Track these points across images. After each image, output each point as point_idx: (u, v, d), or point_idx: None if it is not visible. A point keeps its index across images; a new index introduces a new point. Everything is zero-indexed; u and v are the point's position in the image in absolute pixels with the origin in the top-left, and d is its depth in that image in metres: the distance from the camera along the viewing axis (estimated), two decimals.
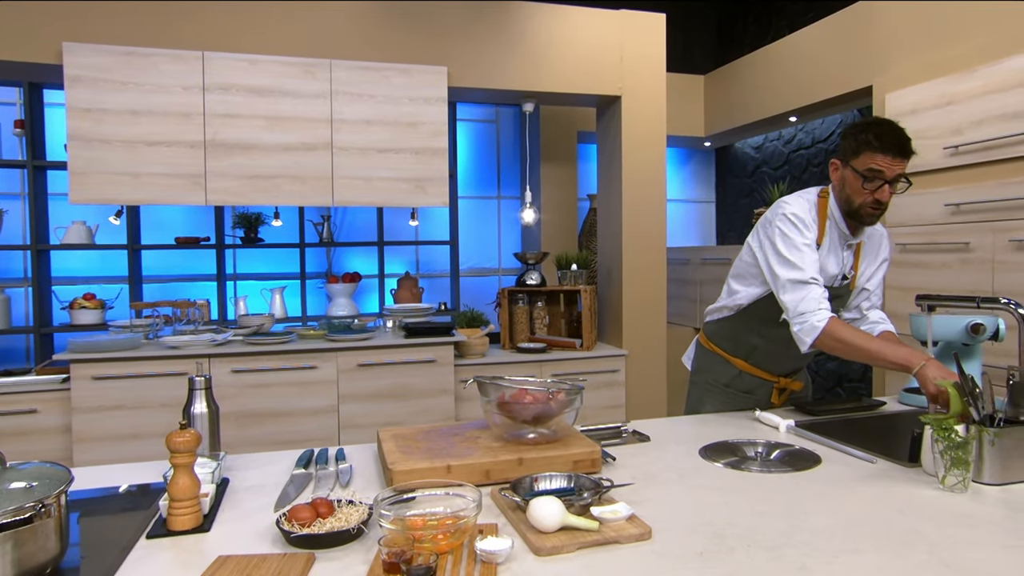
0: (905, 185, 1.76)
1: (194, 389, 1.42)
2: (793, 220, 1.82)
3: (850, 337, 1.70)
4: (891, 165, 1.72)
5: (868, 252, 1.97)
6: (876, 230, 1.99)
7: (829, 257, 1.88)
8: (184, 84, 3.31)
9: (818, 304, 1.74)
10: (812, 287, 1.75)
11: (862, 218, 1.81)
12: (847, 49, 3.76)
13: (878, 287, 2.03)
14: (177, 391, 3.21)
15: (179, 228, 4.15)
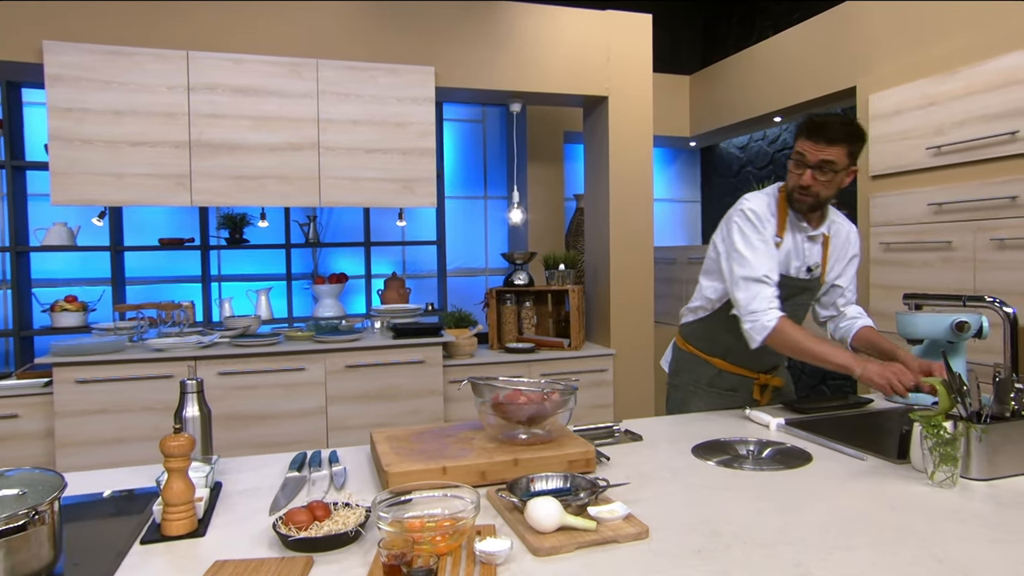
0: (829, 175, 1.77)
1: (186, 392, 1.41)
2: (749, 216, 1.85)
3: (798, 338, 1.75)
4: (813, 150, 1.76)
5: (837, 248, 1.99)
6: (844, 226, 2.02)
7: (790, 249, 1.92)
8: (168, 84, 3.27)
9: (768, 303, 1.78)
10: (764, 286, 1.79)
11: (792, 203, 1.86)
12: (831, 50, 3.80)
13: (851, 283, 2.06)
14: (163, 394, 3.17)
15: (162, 229, 4.10)
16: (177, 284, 4.27)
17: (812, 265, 1.94)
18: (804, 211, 1.87)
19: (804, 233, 1.92)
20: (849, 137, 1.76)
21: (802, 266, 1.94)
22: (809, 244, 1.94)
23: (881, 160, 3.33)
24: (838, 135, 1.75)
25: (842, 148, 1.76)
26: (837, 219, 2.02)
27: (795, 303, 1.97)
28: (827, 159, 1.75)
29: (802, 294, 1.98)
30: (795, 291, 1.96)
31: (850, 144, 1.77)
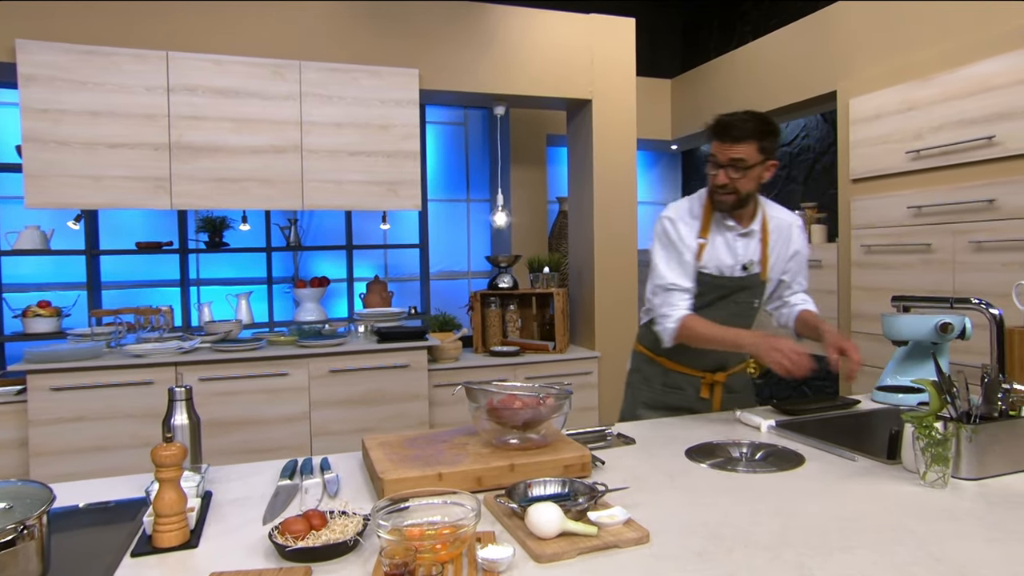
0: (742, 172, 1.81)
1: (174, 400, 1.38)
2: (666, 225, 1.96)
3: (700, 329, 1.84)
4: (722, 150, 1.81)
5: (777, 243, 1.99)
6: (785, 221, 2.02)
7: (719, 248, 1.94)
8: (147, 85, 3.21)
9: (673, 307, 1.89)
10: (673, 292, 1.90)
11: (717, 203, 1.90)
12: (811, 55, 3.85)
13: (798, 277, 2.07)
14: (142, 401, 3.11)
15: (139, 233, 4.02)
16: (155, 288, 4.19)
17: (747, 263, 1.94)
18: (728, 209, 1.90)
19: (733, 232, 1.94)
20: (756, 133, 1.80)
21: (736, 264, 1.95)
22: (743, 241, 1.94)
23: (862, 164, 3.38)
24: (744, 133, 1.79)
25: (750, 144, 1.80)
26: (777, 214, 2.01)
27: (735, 301, 1.97)
28: (736, 157, 1.80)
29: (741, 292, 1.97)
30: (732, 290, 1.96)
31: (758, 140, 1.80)
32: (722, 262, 1.94)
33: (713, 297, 1.95)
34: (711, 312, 1.94)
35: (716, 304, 1.95)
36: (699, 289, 1.93)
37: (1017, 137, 2.67)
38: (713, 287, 1.94)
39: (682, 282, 1.90)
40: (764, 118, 1.84)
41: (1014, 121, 2.68)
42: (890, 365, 2.16)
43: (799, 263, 2.05)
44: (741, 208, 1.91)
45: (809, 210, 4.04)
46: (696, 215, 1.95)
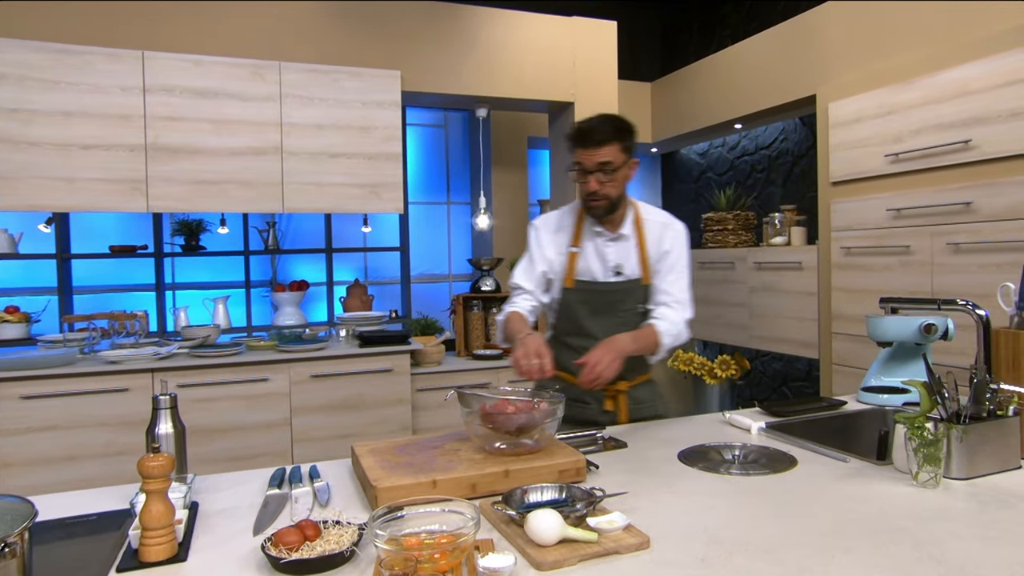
0: (611, 175, 1.80)
1: (159, 408, 1.34)
2: (530, 232, 2.01)
3: (506, 326, 1.87)
4: (588, 156, 1.80)
5: (651, 246, 1.95)
6: (659, 222, 1.98)
7: (590, 256, 1.94)
8: (122, 85, 3.14)
9: (509, 303, 1.94)
10: (514, 291, 1.96)
11: (589, 210, 1.90)
12: (791, 59, 3.89)
13: (664, 282, 1.94)
14: (117, 409, 3.03)
15: (112, 236, 3.93)
16: (128, 293, 4.09)
17: (617, 267, 1.92)
18: (602, 215, 1.89)
19: (603, 237, 1.93)
20: (617, 134, 1.80)
21: (607, 270, 1.93)
22: (614, 246, 1.93)
23: (841, 167, 3.42)
24: (606, 136, 1.78)
25: (614, 146, 1.79)
26: (652, 216, 1.99)
27: (622, 309, 1.92)
28: (603, 161, 1.79)
29: (624, 299, 1.92)
30: (611, 296, 1.92)
31: (620, 140, 1.80)
32: (594, 269, 1.93)
33: (598, 304, 1.93)
34: (600, 321, 1.91)
35: (603, 313, 1.92)
36: (583, 298, 1.93)
37: (993, 141, 2.72)
38: (593, 295, 1.92)
39: (526, 284, 1.94)
40: (620, 118, 1.84)
41: (990, 125, 2.73)
42: (874, 366, 2.18)
43: (667, 266, 1.95)
44: (612, 213, 1.90)
45: (789, 212, 4.08)
46: (566, 225, 1.97)
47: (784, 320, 3.92)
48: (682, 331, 1.93)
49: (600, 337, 1.85)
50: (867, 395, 2.07)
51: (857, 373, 3.35)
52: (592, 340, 1.87)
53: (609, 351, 1.70)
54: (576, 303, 1.94)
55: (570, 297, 1.95)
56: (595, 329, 1.92)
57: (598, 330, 1.91)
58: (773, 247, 4.04)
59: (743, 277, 4.23)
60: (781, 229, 4.06)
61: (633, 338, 1.81)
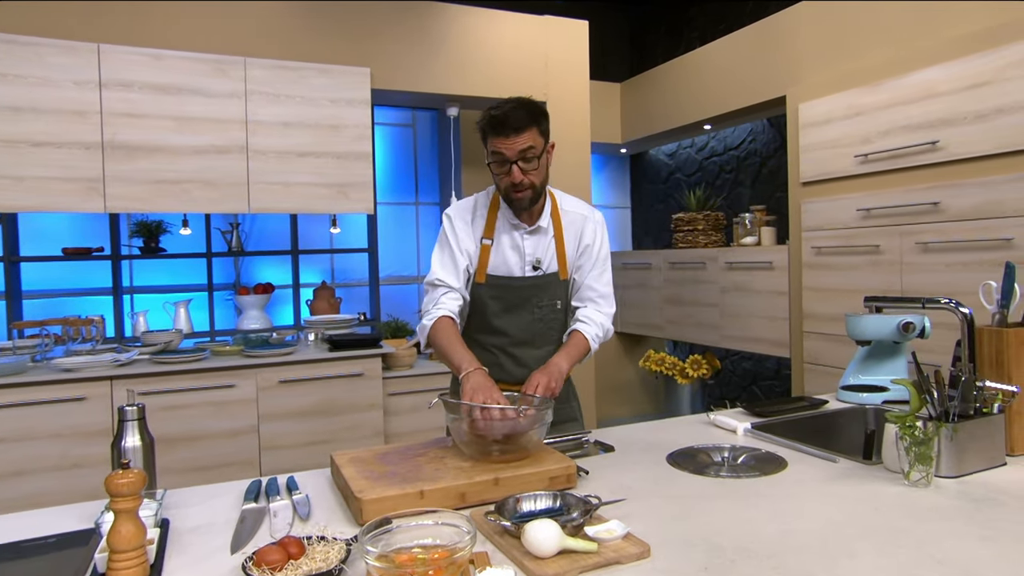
0: (534, 162, 1.67)
1: (125, 420, 1.25)
2: (444, 221, 1.84)
3: (440, 338, 1.68)
4: (507, 145, 1.65)
5: (569, 239, 1.85)
6: (579, 214, 1.87)
7: (505, 249, 1.80)
8: (76, 79, 3.00)
9: (435, 304, 1.74)
10: (438, 288, 1.77)
11: (512, 203, 1.75)
12: (761, 60, 3.93)
13: (587, 277, 1.84)
14: (71, 419, 2.89)
15: (65, 238, 3.75)
16: (83, 297, 3.92)
17: (535, 261, 1.80)
18: (528, 206, 1.76)
19: (520, 230, 1.81)
20: (534, 118, 1.67)
21: (524, 264, 1.81)
22: (531, 239, 1.81)
23: (811, 167, 3.45)
24: (523, 120, 1.64)
25: (532, 131, 1.66)
26: (572, 208, 1.88)
27: (537, 305, 1.82)
28: (524, 147, 1.65)
29: (540, 294, 1.82)
30: (526, 292, 1.81)
31: (537, 124, 1.67)
32: (509, 262, 1.80)
33: (512, 301, 1.81)
34: (513, 319, 1.81)
35: (517, 310, 1.81)
36: (495, 293, 1.80)
37: (960, 142, 2.77)
38: (507, 290, 1.80)
39: (451, 280, 1.76)
40: (533, 101, 1.70)
41: (957, 127, 2.78)
42: (852, 365, 2.19)
43: (589, 260, 1.84)
44: (536, 203, 1.77)
45: (758, 212, 4.11)
46: (480, 215, 1.82)
47: (756, 319, 3.95)
48: (608, 329, 1.86)
49: (513, 334, 1.80)
50: (847, 394, 2.07)
51: (829, 372, 3.38)
52: (504, 338, 1.80)
53: (547, 374, 1.61)
54: (488, 299, 1.81)
55: (481, 293, 1.81)
56: (508, 326, 1.81)
57: (511, 327, 1.81)
58: (744, 247, 4.07)
59: (714, 277, 4.26)
60: (751, 229, 4.09)
61: (567, 356, 1.72)
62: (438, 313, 1.71)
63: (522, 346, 1.82)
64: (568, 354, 1.74)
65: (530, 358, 1.82)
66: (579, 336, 1.79)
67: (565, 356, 1.72)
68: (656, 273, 4.82)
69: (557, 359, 1.70)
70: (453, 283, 1.77)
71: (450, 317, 1.72)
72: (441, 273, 1.77)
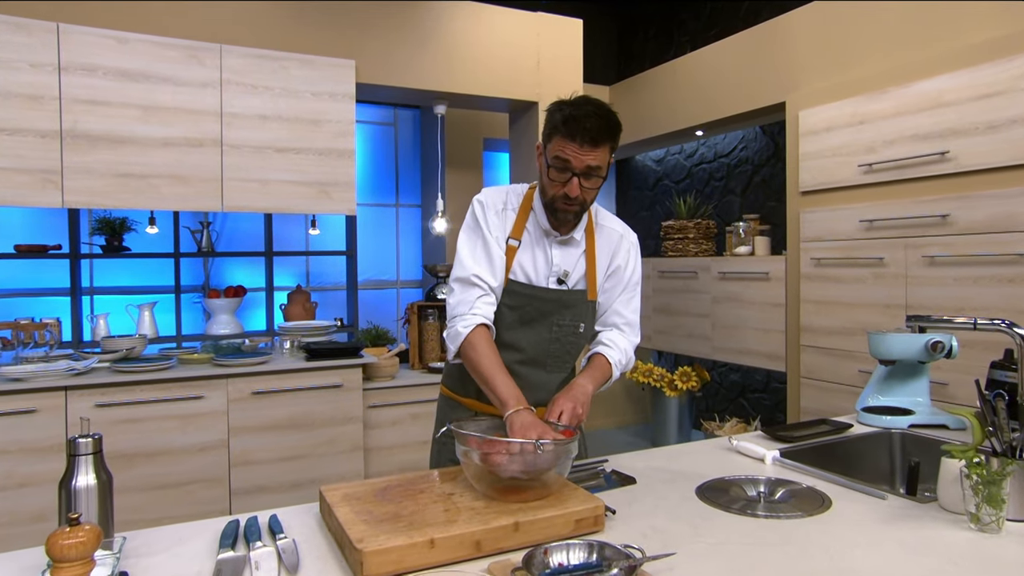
0: (595, 180, 1.49)
1: (78, 455, 1.05)
2: (475, 209, 1.61)
3: (478, 357, 1.47)
4: (578, 154, 1.44)
5: (602, 257, 1.66)
6: (615, 231, 1.68)
7: (527, 252, 1.60)
8: (32, 61, 2.75)
9: (471, 307, 1.52)
10: (472, 288, 1.53)
11: (555, 213, 1.55)
12: (759, 65, 3.82)
13: (622, 303, 1.67)
14: (21, 434, 2.64)
15: (19, 234, 3.48)
16: (38, 298, 3.65)
17: (562, 274, 1.60)
18: (571, 223, 1.58)
19: (551, 237, 1.61)
20: (612, 134, 1.47)
21: (549, 275, 1.61)
22: (560, 250, 1.61)
23: (812, 176, 3.35)
24: (603, 134, 1.44)
25: (606, 147, 1.47)
26: (608, 223, 1.69)
27: (557, 324, 1.62)
28: (594, 165, 1.46)
29: (563, 311, 1.61)
30: (549, 307, 1.60)
31: (612, 141, 1.48)
32: (534, 270, 1.60)
33: (531, 314, 1.60)
34: (528, 334, 1.61)
35: (534, 325, 1.61)
36: (514, 302, 1.59)
37: (971, 153, 2.69)
38: (527, 301, 1.59)
39: (488, 278, 1.53)
40: (612, 111, 1.48)
41: (968, 137, 2.69)
42: (871, 384, 2.06)
43: (619, 283, 1.66)
44: (577, 220, 1.59)
45: (752, 222, 4.01)
46: (510, 210, 1.61)
47: (749, 331, 3.83)
48: (631, 359, 1.68)
49: (525, 350, 1.61)
50: (869, 416, 1.94)
51: (828, 387, 3.28)
52: (515, 353, 1.61)
53: (572, 399, 1.43)
54: (504, 307, 1.59)
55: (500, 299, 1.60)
56: (520, 341, 1.61)
57: (524, 343, 1.61)
58: (738, 257, 3.96)
59: (706, 287, 4.14)
60: (745, 238, 3.98)
61: (592, 379, 1.54)
62: (474, 320, 1.49)
63: (532, 366, 1.63)
64: (592, 376, 1.56)
65: (538, 381, 1.63)
66: (602, 359, 1.60)
67: (590, 378, 1.54)
68: (645, 282, 4.67)
69: (582, 381, 1.52)
70: (491, 281, 1.54)
71: (487, 327, 1.51)
72: (477, 268, 1.53)
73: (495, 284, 1.55)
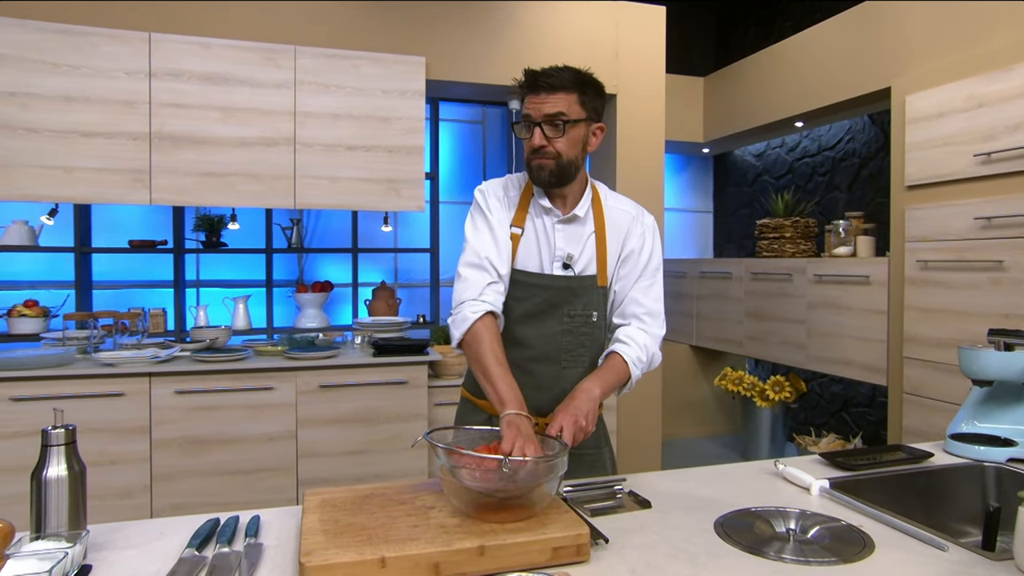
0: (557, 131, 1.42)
1: (49, 445, 1.07)
2: (477, 198, 1.57)
3: (481, 348, 1.37)
4: (535, 104, 1.44)
5: (612, 238, 1.56)
6: (626, 212, 1.58)
7: (531, 237, 1.53)
8: (127, 68, 2.95)
9: (480, 293, 1.44)
10: (480, 272, 1.46)
11: (531, 172, 1.49)
12: (861, 49, 3.46)
13: (641, 291, 1.55)
14: (111, 415, 2.84)
15: (135, 230, 3.77)
16: (150, 289, 3.94)
17: (567, 258, 1.51)
18: (547, 182, 1.48)
19: (551, 216, 1.52)
20: (575, 83, 1.44)
21: (553, 259, 1.51)
22: (564, 230, 1.52)
23: (919, 168, 2.98)
24: (561, 81, 1.43)
25: (570, 95, 1.44)
26: (618, 204, 1.60)
27: (568, 314, 1.51)
28: (552, 112, 1.42)
29: (573, 300, 1.51)
30: (556, 294, 1.51)
31: (579, 91, 1.45)
32: (537, 256, 1.52)
33: (538, 304, 1.50)
34: (537, 327, 1.51)
35: (543, 317, 1.51)
36: (520, 293, 1.50)
37: None
38: (533, 291, 1.50)
39: (497, 263, 1.47)
40: (584, 71, 1.49)
41: None
42: (965, 408, 1.78)
43: (634, 268, 1.55)
44: (562, 183, 1.49)
45: (855, 220, 3.64)
46: (512, 197, 1.56)
47: (847, 340, 3.48)
48: (655, 355, 1.54)
49: (534, 346, 1.50)
50: (959, 445, 1.67)
51: (935, 406, 2.91)
52: (524, 350, 1.50)
53: (574, 412, 1.31)
54: (511, 300, 1.51)
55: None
56: (529, 336, 1.51)
57: (533, 338, 1.51)
58: (836, 258, 3.61)
59: (801, 290, 3.81)
60: (846, 238, 3.62)
61: (600, 382, 1.41)
62: (483, 307, 1.42)
63: (543, 362, 1.51)
64: (603, 379, 1.42)
65: (551, 379, 1.52)
66: (617, 360, 1.47)
67: (598, 382, 1.41)
68: (736, 283, 4.39)
69: (588, 385, 1.39)
70: (501, 268, 1.47)
71: (494, 316, 1.44)
72: (488, 251, 1.47)
73: (503, 271, 1.48)
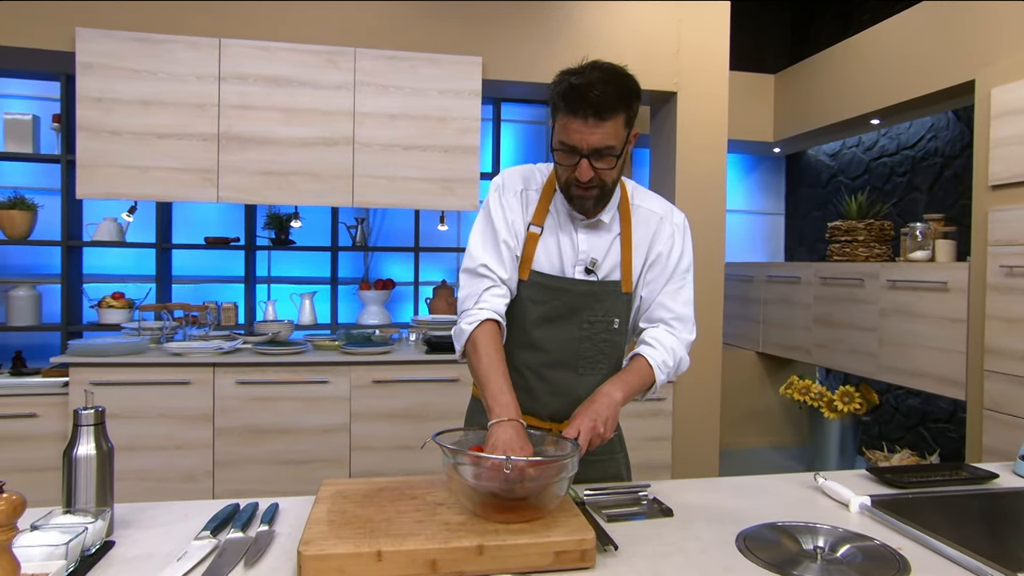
0: (607, 163, 1.29)
1: (80, 425, 1.13)
2: (491, 193, 1.47)
3: (475, 354, 1.33)
4: (583, 133, 1.26)
5: (639, 242, 1.46)
6: (654, 213, 1.48)
7: (552, 238, 1.43)
8: (199, 73, 3.10)
9: (477, 301, 1.39)
10: (481, 279, 1.40)
11: (570, 200, 1.38)
12: (943, 39, 3.24)
13: (669, 295, 1.46)
14: (177, 401, 3.00)
15: (212, 227, 3.97)
16: (225, 284, 4.13)
17: (590, 263, 1.41)
18: (591, 209, 1.39)
19: (576, 220, 1.43)
20: (624, 99, 1.27)
21: (575, 263, 1.43)
22: (587, 234, 1.43)
23: (1006, 167, 2.76)
24: (610, 103, 1.24)
25: (618, 119, 1.27)
26: (646, 204, 1.49)
27: (588, 320, 1.43)
28: (602, 145, 1.27)
29: (595, 305, 1.42)
30: (577, 299, 1.42)
31: (626, 109, 1.28)
32: (558, 259, 1.43)
33: (557, 308, 1.43)
34: (555, 331, 1.43)
35: (561, 321, 1.43)
36: (538, 296, 1.43)
37: None
38: (552, 294, 1.42)
39: (498, 268, 1.40)
40: (622, 73, 1.30)
41: None
42: None
43: (663, 272, 1.46)
44: (602, 204, 1.40)
45: (934, 223, 3.41)
46: (532, 191, 1.46)
47: (922, 350, 3.26)
48: (683, 360, 1.45)
49: (551, 350, 1.43)
50: None
51: (1019, 424, 2.69)
52: (541, 354, 1.44)
53: (593, 416, 1.25)
54: (528, 302, 1.43)
55: (521, 293, 1.44)
56: (546, 340, 1.44)
57: (550, 342, 1.44)
58: (912, 263, 3.39)
59: (873, 297, 3.60)
60: (923, 242, 3.40)
61: (623, 386, 1.34)
62: (481, 315, 1.36)
63: (560, 368, 1.45)
64: (625, 382, 1.36)
65: (567, 385, 1.46)
66: (642, 362, 1.40)
67: (621, 385, 1.35)
68: (805, 288, 4.20)
69: (609, 389, 1.33)
70: (501, 272, 1.41)
71: (496, 322, 1.38)
72: (485, 257, 1.41)
73: (505, 275, 1.41)
